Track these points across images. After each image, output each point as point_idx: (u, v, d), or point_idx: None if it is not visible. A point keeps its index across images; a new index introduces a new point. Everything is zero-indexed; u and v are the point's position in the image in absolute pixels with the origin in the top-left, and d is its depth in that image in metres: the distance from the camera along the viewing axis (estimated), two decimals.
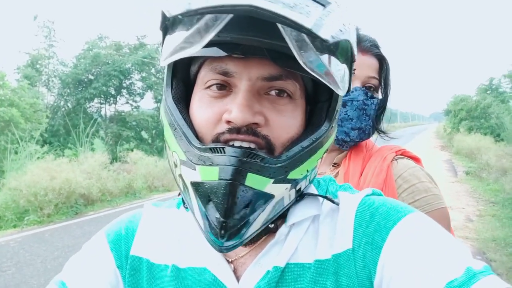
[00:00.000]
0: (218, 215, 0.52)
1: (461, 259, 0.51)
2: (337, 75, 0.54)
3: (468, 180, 11.49)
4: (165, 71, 0.63)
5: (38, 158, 10.29)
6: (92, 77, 18.06)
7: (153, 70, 19.11)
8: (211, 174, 0.52)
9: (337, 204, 0.65)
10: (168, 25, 0.54)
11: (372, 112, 1.21)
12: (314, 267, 0.60)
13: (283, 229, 0.63)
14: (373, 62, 1.22)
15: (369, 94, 1.20)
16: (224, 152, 0.52)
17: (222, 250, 0.55)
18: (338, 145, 1.26)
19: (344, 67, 0.56)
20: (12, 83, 13.22)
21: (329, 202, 0.66)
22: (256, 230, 0.56)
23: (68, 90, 17.98)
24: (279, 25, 0.47)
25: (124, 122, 18.51)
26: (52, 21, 17.50)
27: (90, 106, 18.83)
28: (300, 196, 0.63)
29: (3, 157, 10.43)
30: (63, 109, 17.94)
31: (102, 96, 18.57)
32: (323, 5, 0.50)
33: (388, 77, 1.27)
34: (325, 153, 0.64)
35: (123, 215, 0.76)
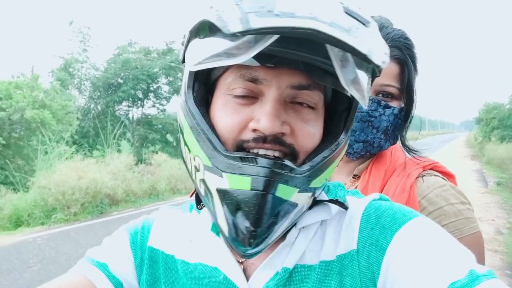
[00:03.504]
0: (248, 224, 0.53)
1: (464, 261, 0.51)
2: (367, 89, 0.55)
3: (499, 191, 11.04)
4: (186, 73, 0.63)
5: (67, 158, 10.62)
6: (121, 81, 18.53)
7: (179, 75, 19.38)
8: (242, 183, 0.53)
9: (347, 208, 0.66)
10: (202, 29, 0.53)
11: (383, 123, 1.10)
12: (319, 268, 0.61)
13: (293, 232, 0.64)
14: (390, 67, 1.08)
15: (383, 103, 1.09)
16: (257, 162, 0.53)
17: (245, 256, 0.57)
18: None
19: (369, 80, 0.57)
20: (45, 85, 13.74)
21: (336, 205, 0.67)
22: (278, 237, 0.58)
23: (98, 93, 18.52)
24: (328, 46, 0.48)
25: (151, 125, 18.87)
26: (88, 27, 18.17)
27: (118, 109, 19.32)
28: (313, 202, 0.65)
29: (34, 157, 10.83)
30: (93, 111, 18.46)
31: (130, 99, 19.01)
32: (364, 24, 0.51)
33: (411, 83, 1.11)
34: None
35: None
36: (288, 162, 0.54)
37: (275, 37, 0.48)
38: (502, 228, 7.21)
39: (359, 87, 0.52)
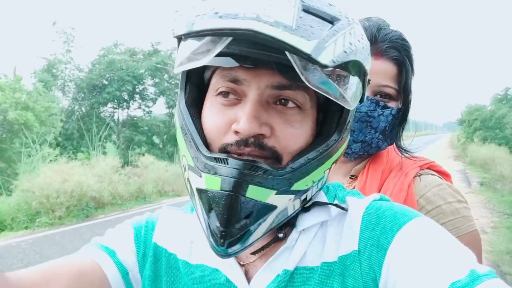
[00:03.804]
0: (218, 224, 0.54)
1: (465, 261, 0.51)
2: (345, 89, 0.54)
3: (482, 191, 11.28)
4: (180, 75, 0.65)
5: (51, 161, 10.42)
6: (106, 82, 18.31)
7: (165, 76, 19.30)
8: (215, 183, 0.54)
9: (346, 210, 0.66)
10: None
11: (381, 124, 1.10)
12: (321, 269, 0.61)
13: (293, 235, 0.64)
14: (388, 68, 1.09)
15: (381, 103, 1.09)
16: (227, 163, 0.53)
17: (222, 256, 0.56)
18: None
19: (355, 80, 0.56)
20: (28, 87, 13.47)
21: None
22: (258, 238, 0.58)
23: (83, 95, 18.27)
24: None
25: (136, 126, 18.72)
26: (71, 27, 17.91)
27: (103, 111, 19.09)
28: (310, 204, 0.65)
29: (17, 160, 10.59)
30: (77, 113, 18.19)
31: (116, 101, 18.82)
32: (331, 22, 0.50)
33: (408, 84, 1.12)
34: (334, 164, 0.64)
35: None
36: (261, 164, 0.54)
37: (229, 38, 0.49)
38: (486, 227, 7.35)
39: (328, 88, 0.52)
